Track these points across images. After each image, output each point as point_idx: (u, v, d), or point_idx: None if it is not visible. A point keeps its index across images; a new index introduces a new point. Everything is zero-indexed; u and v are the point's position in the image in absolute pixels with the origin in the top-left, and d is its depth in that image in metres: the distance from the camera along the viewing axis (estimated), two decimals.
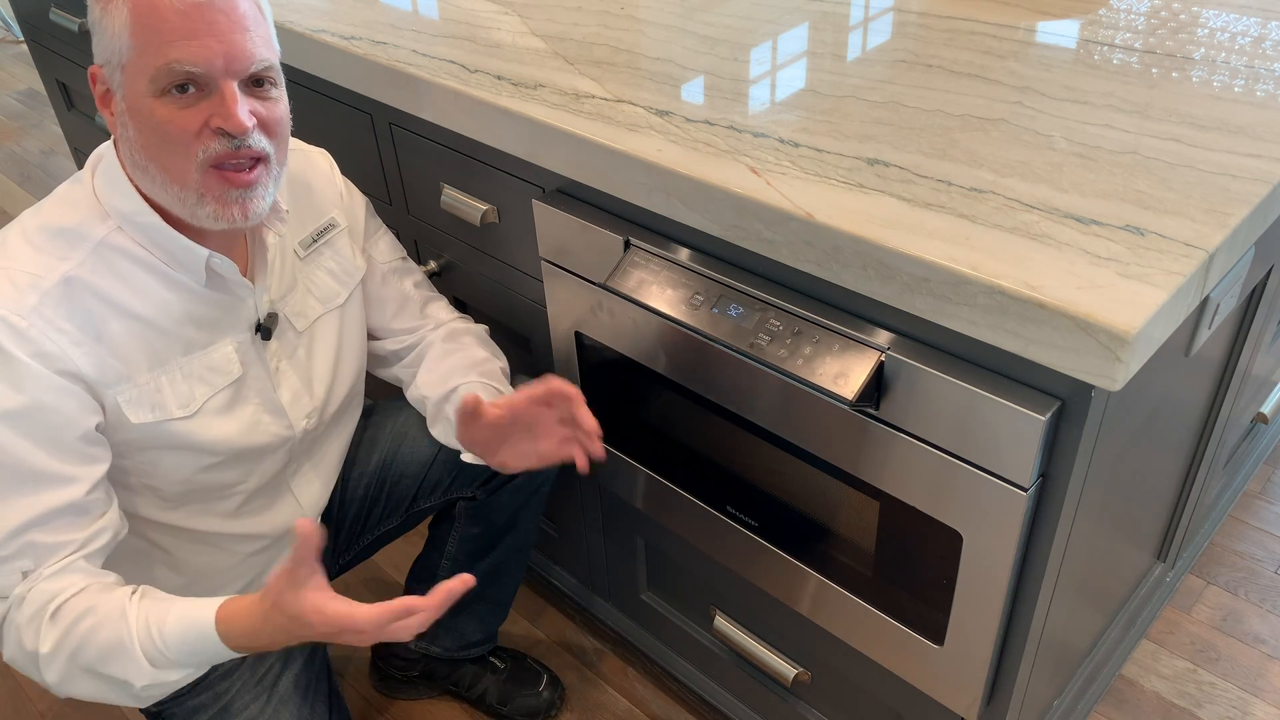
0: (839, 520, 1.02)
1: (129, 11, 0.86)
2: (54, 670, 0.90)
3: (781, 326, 0.94)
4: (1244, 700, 1.48)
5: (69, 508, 0.91)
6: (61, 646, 0.89)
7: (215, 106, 0.89)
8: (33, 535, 0.90)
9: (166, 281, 0.97)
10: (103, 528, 0.94)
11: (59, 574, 0.91)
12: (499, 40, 1.24)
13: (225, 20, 0.87)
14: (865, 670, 1.16)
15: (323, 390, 1.13)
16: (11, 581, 0.90)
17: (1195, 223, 0.81)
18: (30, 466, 0.89)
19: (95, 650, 0.89)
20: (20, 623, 0.90)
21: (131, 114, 0.89)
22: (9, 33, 4.13)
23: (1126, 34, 1.17)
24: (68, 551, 0.92)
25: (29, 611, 0.90)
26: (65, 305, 0.91)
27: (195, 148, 0.89)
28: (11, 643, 0.92)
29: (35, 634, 0.90)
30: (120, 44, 0.87)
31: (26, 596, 0.90)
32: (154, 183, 0.92)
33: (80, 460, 0.92)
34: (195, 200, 0.92)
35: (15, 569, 0.90)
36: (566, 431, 1.08)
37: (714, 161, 0.94)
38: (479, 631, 1.47)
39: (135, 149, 0.91)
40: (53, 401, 0.90)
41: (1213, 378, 1.25)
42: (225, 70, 0.88)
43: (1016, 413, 0.80)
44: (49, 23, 2.01)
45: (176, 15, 0.85)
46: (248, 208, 0.93)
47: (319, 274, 1.13)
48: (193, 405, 1.00)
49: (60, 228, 0.93)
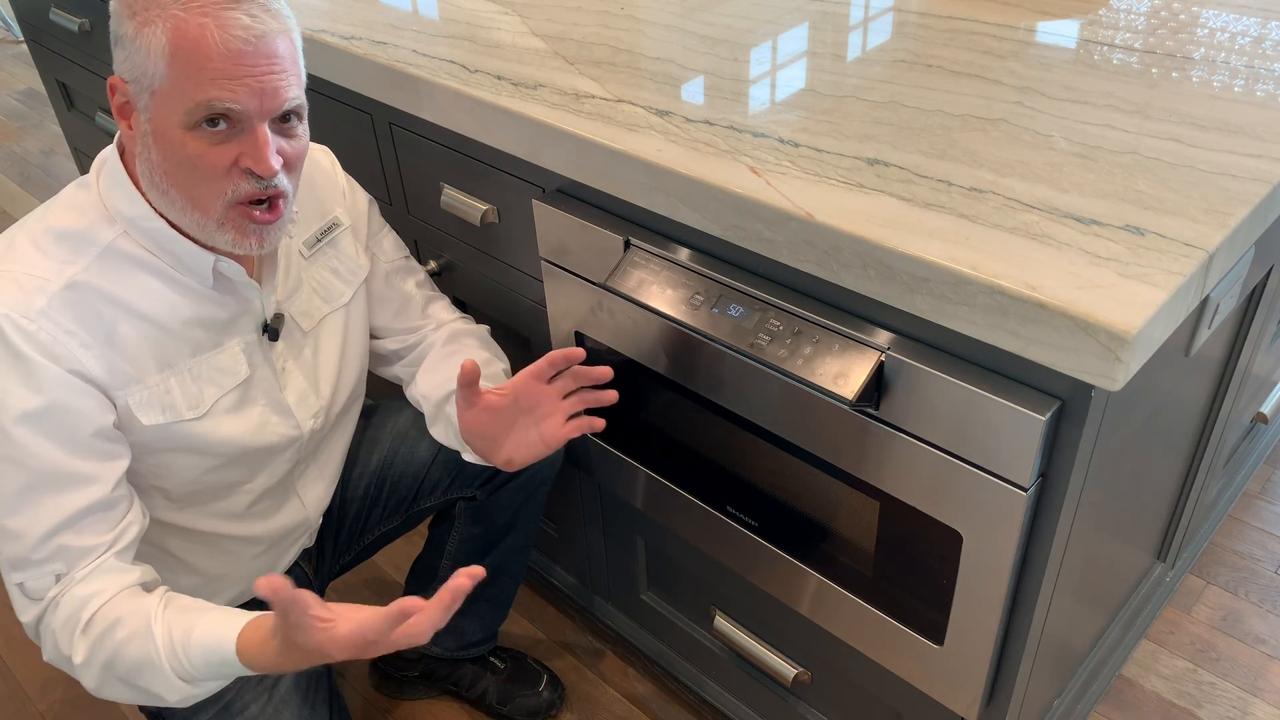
0: (839, 520, 1.02)
1: (169, 40, 0.85)
2: (90, 678, 0.92)
3: (781, 326, 0.94)
4: (1244, 700, 1.48)
5: (95, 506, 0.92)
6: (94, 658, 0.91)
7: (246, 146, 0.89)
8: (64, 538, 0.91)
9: (173, 284, 0.97)
10: (129, 523, 0.96)
11: (90, 577, 0.92)
12: (499, 40, 1.24)
13: (266, 64, 0.87)
14: (865, 670, 1.16)
15: (329, 389, 1.14)
16: (45, 585, 0.92)
17: (1195, 223, 0.81)
18: (56, 467, 0.90)
19: (128, 664, 0.91)
20: (55, 628, 0.92)
21: (157, 139, 0.89)
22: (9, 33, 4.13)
23: (1126, 34, 1.17)
24: (98, 553, 0.93)
25: (62, 618, 0.92)
26: (73, 309, 0.91)
27: (225, 185, 0.90)
28: (49, 645, 0.94)
29: (69, 642, 0.91)
30: (154, 68, 0.86)
31: (60, 601, 0.92)
32: (173, 205, 0.92)
33: (102, 457, 0.93)
34: (215, 228, 0.93)
35: (49, 572, 0.92)
36: (570, 405, 1.09)
37: (714, 161, 0.94)
38: (479, 631, 1.47)
39: (157, 172, 0.91)
40: (71, 401, 0.90)
41: (1213, 378, 1.25)
42: (260, 112, 0.88)
43: (1016, 413, 0.80)
44: (49, 23, 2.01)
45: (220, 56, 0.85)
46: (264, 238, 0.95)
47: (323, 273, 1.13)
48: (202, 406, 1.00)
49: (66, 231, 0.93)
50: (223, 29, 0.85)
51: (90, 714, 1.56)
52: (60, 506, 0.91)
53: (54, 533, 0.91)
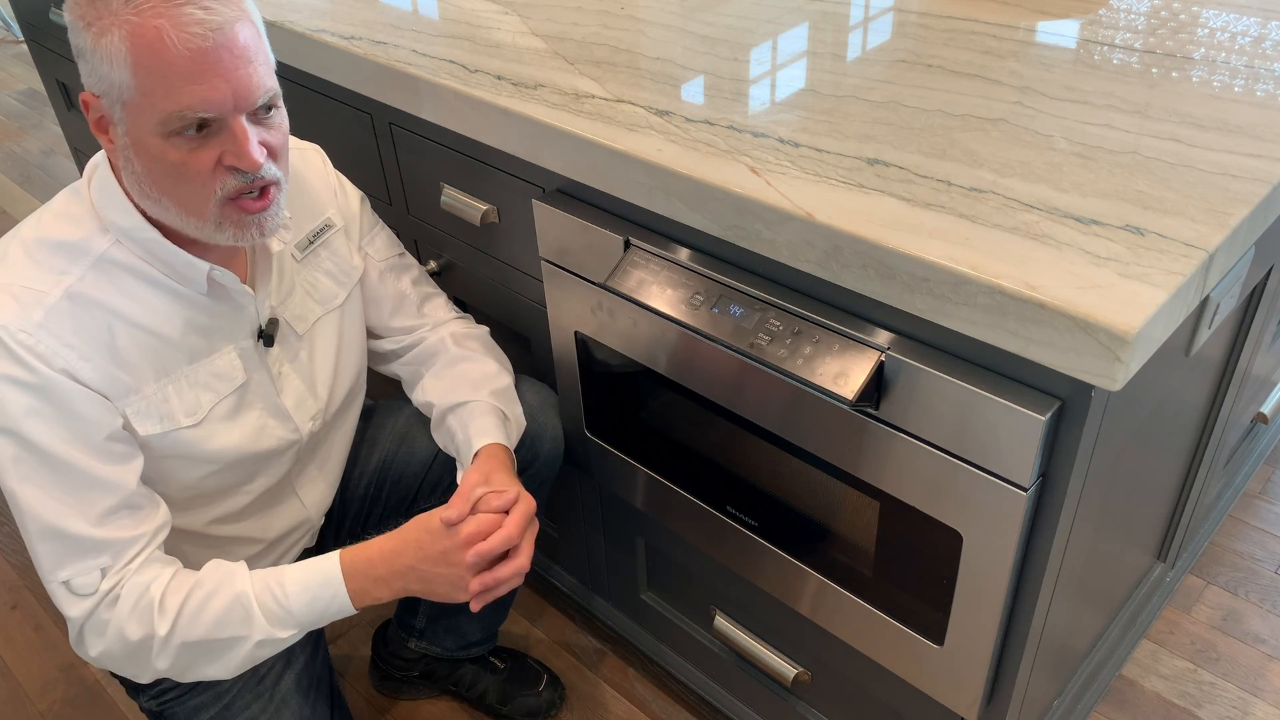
0: (839, 520, 1.02)
1: (128, 49, 0.82)
2: (168, 654, 0.95)
3: (781, 326, 0.94)
4: (1244, 700, 1.48)
5: (125, 503, 0.94)
6: (179, 623, 0.94)
7: (227, 143, 0.88)
8: (105, 531, 0.93)
9: (167, 293, 0.97)
10: (161, 516, 0.98)
11: (144, 566, 0.95)
12: (499, 40, 1.24)
13: (230, 56, 0.85)
14: (865, 670, 1.16)
15: (325, 392, 1.14)
16: (93, 580, 0.93)
17: (1195, 223, 0.81)
18: (81, 468, 0.91)
19: (213, 616, 0.95)
20: (122, 617, 0.94)
21: (137, 150, 0.88)
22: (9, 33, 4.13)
23: (1126, 34, 1.17)
24: (142, 544, 0.95)
25: (128, 604, 0.94)
26: (70, 320, 0.91)
27: (212, 185, 0.89)
28: (107, 638, 0.95)
29: (148, 620, 0.94)
30: (119, 80, 0.84)
31: (119, 592, 0.94)
32: (168, 212, 0.92)
33: (119, 459, 0.94)
34: (214, 228, 0.92)
35: (94, 566, 0.93)
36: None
37: (714, 161, 0.94)
38: (479, 631, 1.47)
39: (145, 182, 0.90)
40: (79, 409, 0.91)
41: (1213, 378, 1.25)
42: (235, 108, 0.87)
43: (1016, 413, 0.80)
44: (49, 23, 2.01)
45: (181, 58, 0.83)
46: (264, 226, 0.94)
47: (317, 275, 1.13)
48: (199, 413, 1.00)
49: (60, 241, 0.93)
50: (179, 28, 0.82)
51: (90, 714, 1.57)
52: (94, 503, 0.92)
53: (94, 528, 0.92)
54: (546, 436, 1.27)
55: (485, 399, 1.17)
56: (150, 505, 0.97)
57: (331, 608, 1.00)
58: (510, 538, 1.02)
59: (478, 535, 1.01)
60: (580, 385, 1.25)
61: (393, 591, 1.02)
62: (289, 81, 1.43)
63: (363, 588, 1.00)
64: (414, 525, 1.03)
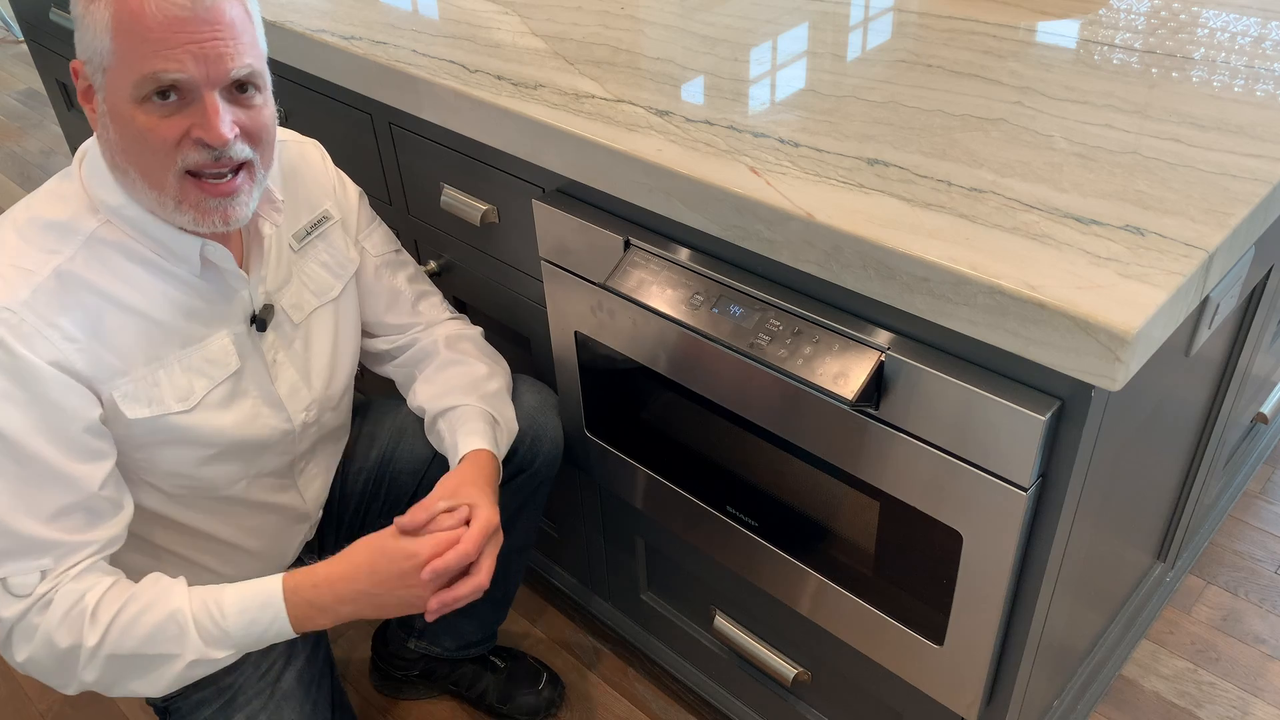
0: (839, 520, 1.02)
1: (111, 15, 0.84)
2: (94, 668, 0.92)
3: (781, 326, 0.94)
4: (1244, 700, 1.48)
5: (83, 505, 0.92)
6: (108, 635, 0.91)
7: (196, 116, 0.87)
8: (54, 533, 0.90)
9: (160, 273, 0.96)
10: (116, 527, 0.95)
11: (83, 574, 0.92)
12: (499, 40, 1.24)
13: (209, 29, 0.85)
14: (865, 670, 1.16)
15: (320, 383, 1.13)
16: (31, 581, 0.90)
17: (1195, 223, 0.81)
18: (45, 462, 0.89)
19: (145, 631, 0.91)
20: (50, 622, 0.90)
21: (113, 117, 0.88)
22: (9, 33, 4.13)
23: (1126, 34, 1.17)
24: (90, 551, 0.93)
25: (60, 610, 0.90)
26: (58, 300, 0.90)
27: (174, 156, 0.88)
28: (34, 643, 0.92)
29: (77, 629, 0.91)
30: (101, 45, 0.85)
31: (53, 597, 0.91)
32: (133, 185, 0.91)
33: (91, 457, 0.92)
34: (173, 206, 0.91)
35: (35, 568, 0.90)
36: None
37: (714, 161, 0.94)
38: (479, 631, 1.47)
39: (115, 151, 0.90)
40: (57, 397, 0.89)
41: (1213, 378, 1.25)
42: (207, 80, 0.87)
43: (1016, 413, 0.80)
44: (49, 23, 2.01)
45: (159, 25, 0.84)
46: (228, 214, 0.93)
47: (313, 266, 1.13)
48: (192, 399, 0.99)
49: (51, 221, 0.93)
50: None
51: (90, 714, 1.56)
52: (49, 502, 0.90)
53: (44, 528, 0.90)
54: (546, 437, 1.27)
55: (475, 403, 1.17)
56: (111, 513, 0.95)
57: (270, 631, 0.97)
58: (467, 554, 0.99)
59: (436, 555, 0.98)
60: (580, 385, 1.25)
61: (338, 618, 0.98)
62: (289, 81, 1.43)
63: (306, 614, 0.97)
64: (364, 548, 0.99)
